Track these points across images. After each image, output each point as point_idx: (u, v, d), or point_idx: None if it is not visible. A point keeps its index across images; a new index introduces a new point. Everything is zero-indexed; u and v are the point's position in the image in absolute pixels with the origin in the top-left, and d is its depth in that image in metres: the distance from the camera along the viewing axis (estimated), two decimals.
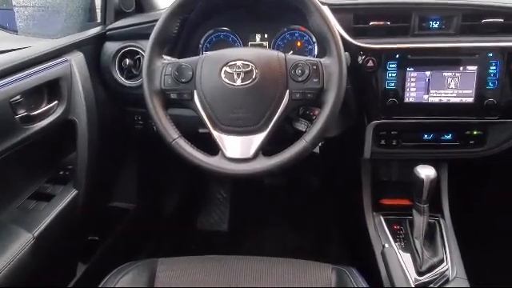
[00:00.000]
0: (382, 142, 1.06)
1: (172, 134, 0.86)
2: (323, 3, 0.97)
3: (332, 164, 1.49)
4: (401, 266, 0.94)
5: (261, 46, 1.14)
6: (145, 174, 1.39)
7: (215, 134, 0.85)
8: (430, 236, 1.02)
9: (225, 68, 0.84)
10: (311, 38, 1.11)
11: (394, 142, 1.06)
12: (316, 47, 1.11)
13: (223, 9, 1.09)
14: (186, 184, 1.68)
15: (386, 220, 1.08)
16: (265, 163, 0.83)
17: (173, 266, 0.90)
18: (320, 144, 1.02)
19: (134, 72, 1.09)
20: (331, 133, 1.07)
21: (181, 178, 1.63)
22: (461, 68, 0.97)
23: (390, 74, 0.98)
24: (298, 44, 1.12)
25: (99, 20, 1.19)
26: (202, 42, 1.14)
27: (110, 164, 1.22)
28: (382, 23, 0.99)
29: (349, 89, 1.02)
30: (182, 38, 1.08)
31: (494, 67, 0.95)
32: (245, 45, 1.14)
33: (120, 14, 1.18)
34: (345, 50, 0.93)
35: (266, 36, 1.13)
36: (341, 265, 0.88)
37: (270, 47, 1.13)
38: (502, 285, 1.05)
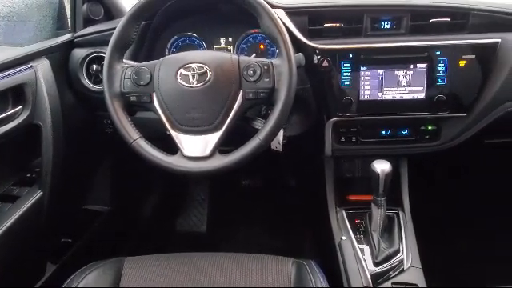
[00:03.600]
0: (342, 139, 1.10)
1: (132, 135, 0.89)
2: (278, 6, 1.02)
3: (296, 162, 1.53)
4: (357, 257, 0.98)
5: (225, 49, 1.18)
6: (119, 177, 1.41)
7: (173, 133, 0.89)
8: (389, 228, 1.06)
9: (180, 70, 0.88)
10: None
11: (354, 139, 1.10)
12: None
13: (185, 14, 1.13)
14: (164, 186, 1.71)
15: (348, 215, 1.12)
16: (221, 161, 0.87)
17: (139, 264, 0.92)
18: (282, 142, 1.06)
19: (101, 77, 1.12)
20: (293, 131, 1.11)
21: (158, 180, 1.66)
22: (411, 66, 1.01)
23: (344, 73, 1.03)
24: (261, 47, 1.16)
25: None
26: (168, 46, 1.17)
27: (81, 167, 1.25)
28: (335, 25, 1.03)
29: (308, 88, 1.08)
30: (146, 42, 1.11)
31: (443, 65, 1.00)
32: (210, 49, 1.18)
33: (89, 22, 1.22)
34: (300, 51, 0.98)
35: (230, 40, 1.17)
36: (302, 258, 0.92)
37: (234, 51, 1.17)
38: (455, 273, 1.09)
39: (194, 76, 0.87)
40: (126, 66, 0.91)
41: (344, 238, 1.03)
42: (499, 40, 0.98)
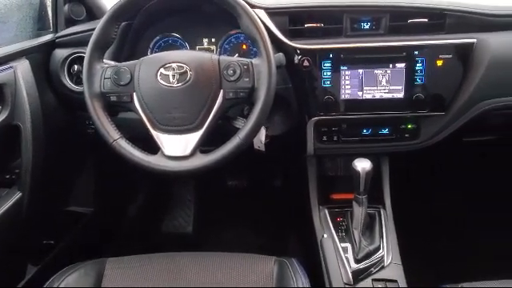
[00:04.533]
0: (324, 138, 1.11)
1: (112, 135, 0.89)
2: (258, 7, 1.03)
3: (281, 162, 1.54)
4: (338, 254, 0.99)
5: (208, 50, 1.18)
6: (102, 178, 1.41)
7: (154, 133, 0.89)
8: (370, 226, 1.08)
9: (161, 70, 0.88)
10: None
11: (335, 138, 1.11)
12: None
13: (167, 14, 1.13)
14: (149, 187, 1.70)
15: (330, 213, 1.13)
16: (201, 160, 0.87)
17: (121, 264, 0.92)
18: (265, 142, 1.07)
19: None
20: (276, 131, 1.12)
21: (143, 181, 1.66)
22: (390, 65, 1.03)
23: (325, 73, 1.04)
24: (244, 47, 1.17)
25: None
26: (150, 46, 1.17)
27: (63, 168, 1.24)
28: (316, 25, 1.05)
29: (289, 88, 1.09)
30: (127, 43, 1.11)
31: (421, 64, 1.02)
32: (193, 49, 1.18)
33: (71, 22, 1.21)
34: (281, 51, 0.99)
35: (213, 40, 1.18)
36: (284, 257, 0.92)
37: (217, 51, 1.17)
38: (434, 269, 1.11)
39: (174, 76, 0.87)
40: (106, 66, 0.91)
41: (325, 235, 1.04)
42: (475, 40, 1.01)
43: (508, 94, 1.03)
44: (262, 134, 1.04)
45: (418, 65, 1.02)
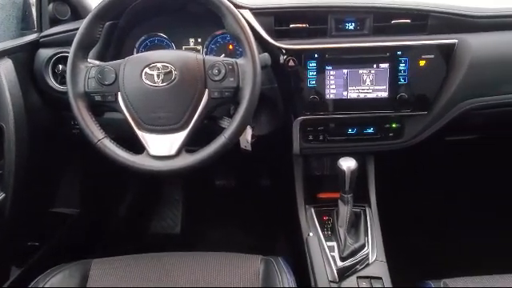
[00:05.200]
0: (310, 137, 1.12)
1: (97, 135, 0.89)
2: (244, 7, 1.04)
3: (269, 161, 1.55)
4: (324, 252, 1.00)
5: (195, 50, 1.18)
6: (89, 179, 1.40)
7: (139, 133, 0.89)
8: (356, 224, 1.09)
9: (145, 70, 0.88)
10: None
11: (321, 137, 1.12)
12: None
13: (153, 14, 1.13)
14: (137, 187, 1.70)
15: (316, 212, 1.14)
16: (187, 159, 0.88)
17: (106, 265, 0.92)
18: (251, 141, 1.07)
19: None
20: (262, 131, 1.13)
21: (130, 181, 1.65)
22: (374, 65, 1.04)
23: (310, 73, 1.05)
24: (230, 47, 1.17)
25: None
26: (136, 46, 1.17)
27: (48, 169, 1.23)
28: (301, 25, 1.05)
29: (275, 88, 1.09)
30: (113, 42, 1.11)
31: (404, 64, 1.03)
32: (179, 49, 1.18)
33: (56, 22, 1.20)
34: (266, 51, 1.00)
35: (199, 40, 1.18)
36: (271, 256, 0.93)
37: (203, 51, 1.17)
38: (418, 265, 1.13)
39: (159, 75, 0.87)
40: (90, 66, 0.90)
41: (311, 234, 1.05)
42: (456, 41, 1.03)
43: (488, 93, 1.06)
44: (248, 134, 1.05)
45: (401, 65, 1.03)
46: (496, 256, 1.22)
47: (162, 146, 0.88)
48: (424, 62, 1.03)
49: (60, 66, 1.10)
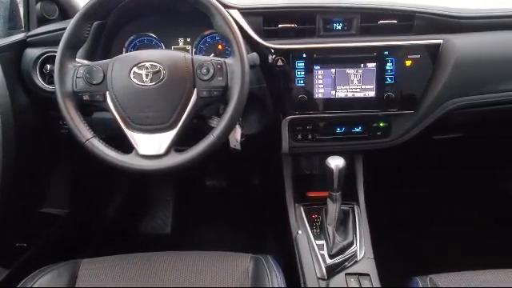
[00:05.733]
0: (299, 136, 1.13)
1: (85, 135, 0.89)
2: (232, 7, 1.04)
3: (259, 161, 1.56)
4: (312, 250, 1.01)
5: (184, 49, 1.19)
6: (78, 179, 1.39)
7: (128, 132, 0.89)
8: (344, 222, 1.10)
9: (134, 69, 0.88)
10: None
11: (310, 136, 1.13)
12: None
13: (142, 14, 1.13)
14: (127, 187, 1.69)
15: (305, 210, 1.15)
16: (176, 159, 0.88)
17: (96, 265, 0.91)
18: (241, 140, 1.08)
19: None
20: (251, 130, 1.13)
21: (121, 181, 1.64)
22: (362, 65, 1.05)
23: (298, 72, 1.06)
24: (219, 47, 1.18)
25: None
26: (125, 46, 1.17)
27: (36, 169, 1.22)
28: (290, 25, 1.06)
29: (264, 87, 1.10)
30: (101, 42, 1.11)
31: (391, 64, 1.05)
32: (168, 49, 1.18)
33: (44, 21, 1.19)
34: (255, 51, 1.00)
35: (188, 40, 1.18)
36: (260, 254, 0.94)
37: (192, 51, 1.18)
38: (405, 262, 1.15)
39: (147, 75, 0.88)
40: (78, 65, 0.90)
41: (300, 232, 1.06)
42: (441, 41, 1.05)
43: (473, 93, 1.08)
44: (238, 133, 1.05)
45: (388, 64, 1.05)
46: (480, 253, 1.25)
47: (151, 146, 0.88)
48: (410, 61, 1.05)
49: (48, 66, 1.10)
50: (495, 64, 1.07)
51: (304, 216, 1.13)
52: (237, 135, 1.05)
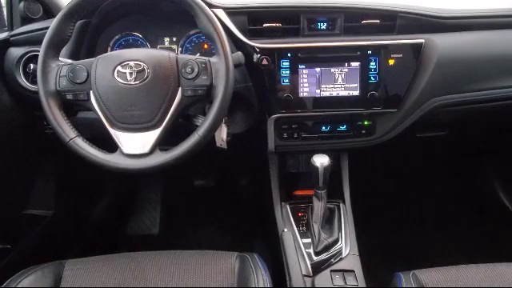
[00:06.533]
0: (285, 135, 1.14)
1: (69, 134, 0.88)
2: (217, 6, 1.05)
3: (246, 160, 1.56)
4: (298, 247, 1.02)
5: (170, 49, 1.19)
6: (64, 180, 1.37)
7: (112, 131, 0.89)
8: (330, 219, 1.11)
9: (118, 68, 0.88)
10: None
11: (296, 135, 1.14)
12: None
13: (126, 13, 1.13)
14: (114, 188, 1.68)
15: (292, 208, 1.16)
16: (160, 157, 0.88)
17: (80, 266, 0.90)
18: (227, 139, 1.08)
19: None
20: (237, 129, 1.14)
21: (108, 181, 1.63)
22: (346, 64, 1.07)
23: (283, 71, 1.06)
24: (205, 46, 1.18)
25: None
26: (110, 45, 1.16)
27: (20, 170, 1.21)
28: (274, 25, 1.07)
29: (250, 86, 1.11)
30: (86, 41, 1.10)
31: (374, 63, 1.06)
32: (154, 48, 1.18)
33: (28, 21, 1.18)
34: (240, 50, 1.01)
35: (174, 39, 1.18)
36: (246, 252, 0.94)
37: (178, 50, 1.18)
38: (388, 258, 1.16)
39: (131, 73, 0.87)
40: (61, 64, 0.90)
41: (286, 229, 1.07)
42: (423, 40, 1.06)
43: (455, 91, 1.10)
44: (224, 132, 1.06)
45: (371, 63, 1.06)
46: (463, 248, 1.27)
47: (136, 145, 0.88)
48: (393, 61, 1.06)
49: (31, 65, 1.08)
50: (476, 63, 1.09)
51: (290, 214, 1.14)
52: (223, 134, 1.05)
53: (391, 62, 1.06)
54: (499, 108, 1.14)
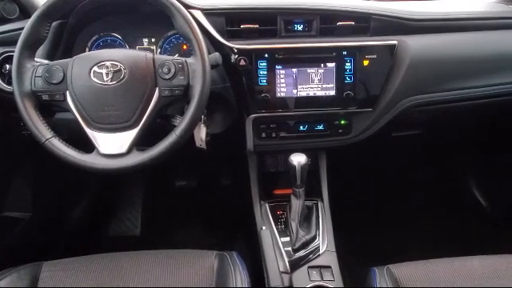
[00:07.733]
0: (263, 134, 1.15)
1: (45, 134, 0.88)
2: (195, 7, 1.06)
3: (227, 160, 1.57)
4: (276, 244, 1.03)
5: (149, 50, 1.19)
6: (42, 181, 1.36)
7: (89, 132, 0.89)
8: (308, 217, 1.13)
9: (94, 68, 0.88)
10: None
11: (274, 135, 1.16)
12: None
13: (104, 14, 1.13)
14: (95, 189, 1.66)
15: (271, 207, 1.17)
16: (138, 157, 0.88)
17: (58, 267, 0.90)
18: (206, 139, 1.09)
19: None
20: (216, 129, 1.15)
21: (88, 183, 1.62)
22: (322, 65, 1.09)
23: (261, 72, 1.08)
24: (184, 47, 1.18)
25: None
26: (88, 46, 1.16)
27: None
28: (252, 26, 1.08)
29: (228, 86, 1.12)
30: (62, 42, 1.09)
31: (349, 64, 1.09)
32: (133, 49, 1.18)
33: (4, 21, 1.17)
34: (218, 51, 1.02)
35: (153, 40, 1.18)
36: (225, 251, 0.95)
37: (157, 51, 1.18)
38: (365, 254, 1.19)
39: (108, 74, 0.88)
40: (37, 65, 0.90)
41: (264, 227, 1.08)
42: (396, 42, 1.09)
43: (427, 91, 1.13)
44: (203, 132, 1.06)
45: (346, 64, 1.09)
46: (438, 244, 1.31)
47: (113, 145, 0.88)
48: (367, 61, 1.09)
49: (7, 66, 1.07)
50: (445, 64, 1.13)
51: (269, 212, 1.15)
52: (202, 134, 1.06)
53: (366, 62, 1.09)
54: (469, 107, 1.18)
